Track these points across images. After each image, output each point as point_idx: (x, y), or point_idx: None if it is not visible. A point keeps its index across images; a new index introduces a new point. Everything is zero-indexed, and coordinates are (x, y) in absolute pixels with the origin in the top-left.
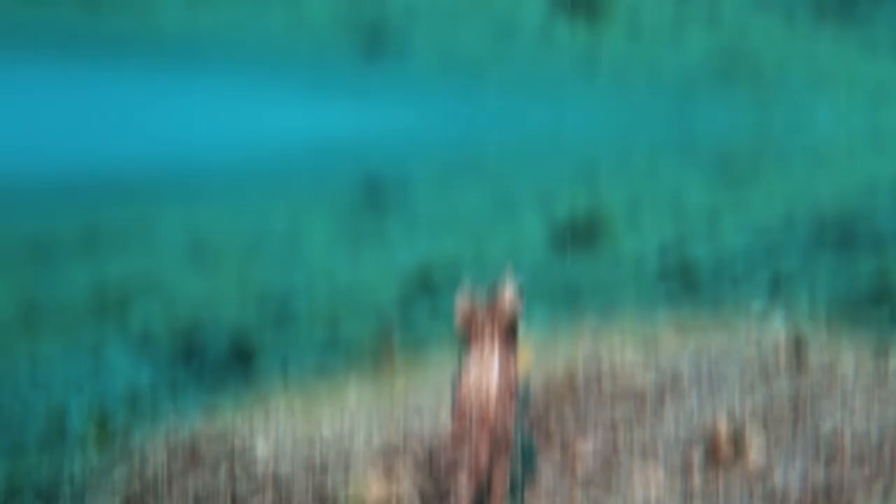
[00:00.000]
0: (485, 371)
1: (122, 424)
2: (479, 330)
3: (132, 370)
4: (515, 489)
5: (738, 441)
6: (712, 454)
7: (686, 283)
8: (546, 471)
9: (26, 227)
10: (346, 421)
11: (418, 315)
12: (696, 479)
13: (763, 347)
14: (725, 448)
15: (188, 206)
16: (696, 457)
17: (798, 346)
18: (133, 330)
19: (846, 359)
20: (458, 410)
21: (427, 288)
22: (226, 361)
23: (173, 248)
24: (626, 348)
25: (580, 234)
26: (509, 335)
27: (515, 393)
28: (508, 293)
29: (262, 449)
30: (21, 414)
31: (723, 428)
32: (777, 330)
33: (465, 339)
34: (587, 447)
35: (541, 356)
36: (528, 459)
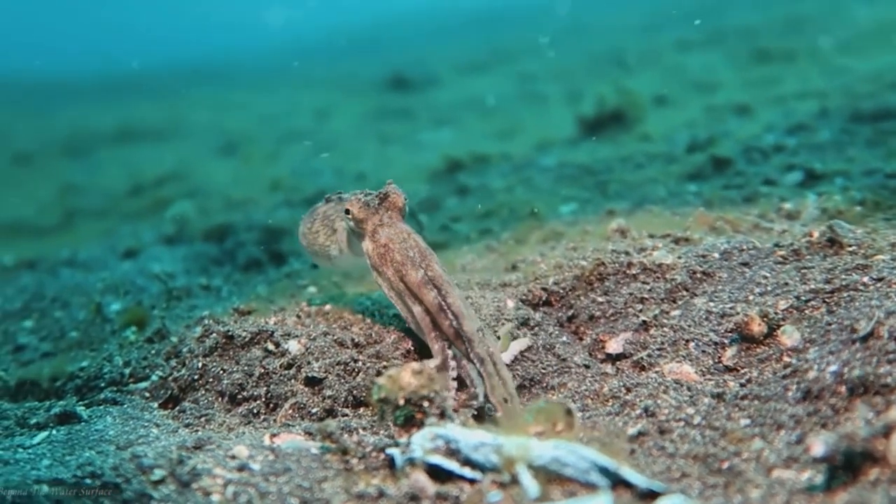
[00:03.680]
0: (396, 229)
1: (158, 320)
2: (376, 216)
3: (165, 267)
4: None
5: (771, 332)
6: (745, 346)
7: (716, 173)
8: (579, 352)
9: (66, 122)
10: (377, 322)
11: (446, 207)
12: (729, 371)
13: (797, 237)
14: (758, 339)
15: (219, 102)
16: (729, 348)
17: (833, 235)
18: (167, 228)
19: (882, 246)
20: (410, 277)
21: (454, 174)
22: (257, 261)
23: (205, 144)
24: (656, 241)
25: (608, 123)
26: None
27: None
28: (395, 191)
29: (294, 349)
30: (62, 305)
31: (755, 319)
32: (811, 219)
33: (360, 225)
34: (618, 334)
35: (570, 246)
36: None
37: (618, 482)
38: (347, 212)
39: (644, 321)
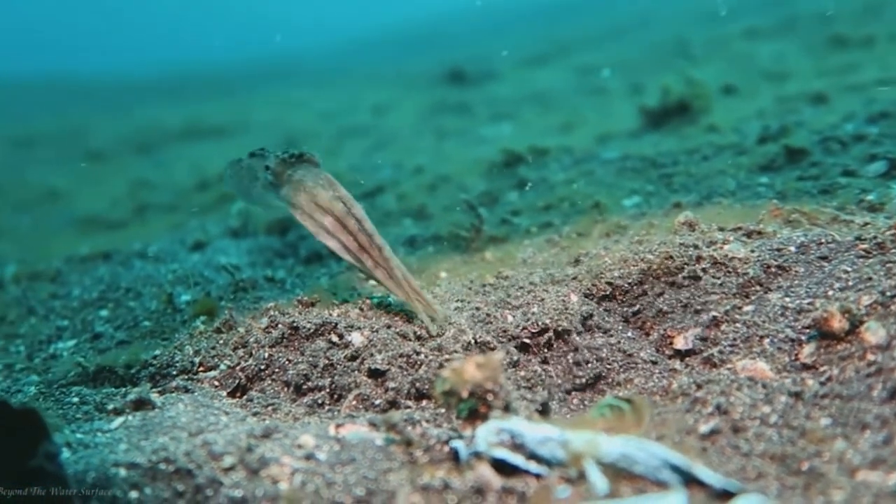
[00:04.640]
0: (310, 169)
1: (226, 311)
2: (291, 169)
3: (232, 260)
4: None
5: (853, 329)
6: (824, 343)
7: (790, 164)
8: (645, 347)
9: (137, 120)
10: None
11: (506, 201)
12: (807, 369)
13: (880, 230)
14: (839, 336)
15: (281, 100)
16: (806, 345)
17: None
18: (232, 221)
19: None
20: (337, 223)
21: (514, 168)
22: (318, 254)
23: (268, 140)
24: (727, 234)
25: (673, 114)
26: None
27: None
28: (310, 153)
29: (358, 341)
30: (135, 295)
31: (836, 315)
32: (894, 212)
33: (278, 179)
34: (687, 330)
35: (636, 239)
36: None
37: (690, 481)
38: (267, 168)
39: (715, 316)
